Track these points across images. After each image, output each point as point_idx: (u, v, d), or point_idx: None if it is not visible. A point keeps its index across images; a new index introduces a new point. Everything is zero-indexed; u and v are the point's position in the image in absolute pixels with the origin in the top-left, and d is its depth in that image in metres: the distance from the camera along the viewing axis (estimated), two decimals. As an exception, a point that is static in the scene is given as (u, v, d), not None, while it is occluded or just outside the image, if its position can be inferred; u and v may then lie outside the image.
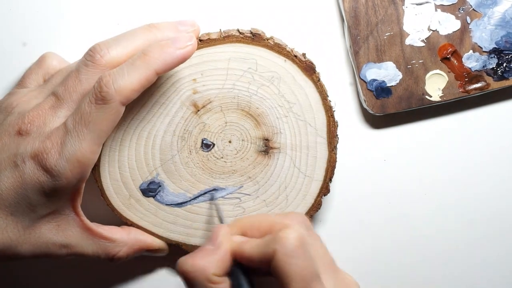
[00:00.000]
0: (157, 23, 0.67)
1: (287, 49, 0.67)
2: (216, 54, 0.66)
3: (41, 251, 0.66)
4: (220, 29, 0.68)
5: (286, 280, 0.57)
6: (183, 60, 0.64)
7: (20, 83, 0.69)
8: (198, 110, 0.68)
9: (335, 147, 0.69)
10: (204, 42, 0.66)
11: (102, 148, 0.67)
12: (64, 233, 0.66)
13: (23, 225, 0.64)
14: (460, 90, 0.72)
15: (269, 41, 0.67)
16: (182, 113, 0.67)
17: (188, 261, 0.60)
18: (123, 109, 0.62)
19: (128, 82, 0.62)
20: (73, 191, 0.64)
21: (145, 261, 0.75)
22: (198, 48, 0.66)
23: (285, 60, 0.67)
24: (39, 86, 0.68)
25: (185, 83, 0.67)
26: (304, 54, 0.68)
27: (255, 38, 0.67)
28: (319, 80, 0.68)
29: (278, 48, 0.67)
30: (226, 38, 0.66)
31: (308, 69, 0.68)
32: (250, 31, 0.67)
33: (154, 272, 0.76)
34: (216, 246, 0.61)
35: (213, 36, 0.67)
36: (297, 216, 0.62)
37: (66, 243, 0.66)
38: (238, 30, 0.67)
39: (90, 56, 0.65)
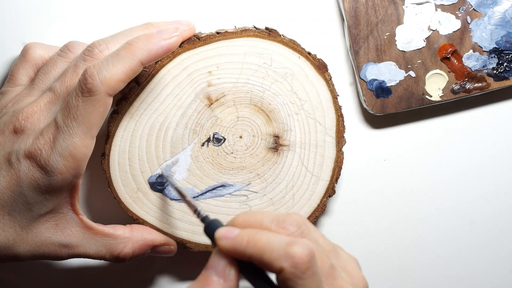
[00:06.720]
0: (155, 22, 0.68)
1: (301, 46, 0.69)
2: (233, 48, 0.67)
3: (41, 252, 0.64)
4: (235, 26, 0.69)
5: None
6: (168, 50, 0.64)
7: (11, 81, 0.68)
8: (211, 104, 0.68)
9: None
10: (221, 35, 0.67)
11: (113, 138, 0.67)
12: (63, 232, 0.64)
13: (20, 225, 0.63)
14: (454, 86, 0.72)
15: (284, 37, 0.69)
16: (195, 106, 0.68)
17: None
18: (110, 100, 0.62)
19: (113, 72, 0.61)
20: (70, 188, 0.63)
21: (146, 266, 0.74)
22: (215, 41, 0.67)
23: (299, 57, 0.68)
24: (32, 82, 0.67)
25: (200, 75, 0.67)
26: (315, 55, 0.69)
27: (271, 34, 0.68)
28: (330, 78, 0.69)
29: (293, 45, 0.68)
30: (243, 32, 0.67)
31: (321, 67, 0.69)
32: (266, 27, 0.69)
33: (156, 279, 0.75)
34: (224, 277, 0.56)
35: (230, 30, 0.68)
36: (297, 219, 0.57)
37: (66, 242, 0.65)
38: (254, 26, 0.69)
39: (88, 51, 0.65)
